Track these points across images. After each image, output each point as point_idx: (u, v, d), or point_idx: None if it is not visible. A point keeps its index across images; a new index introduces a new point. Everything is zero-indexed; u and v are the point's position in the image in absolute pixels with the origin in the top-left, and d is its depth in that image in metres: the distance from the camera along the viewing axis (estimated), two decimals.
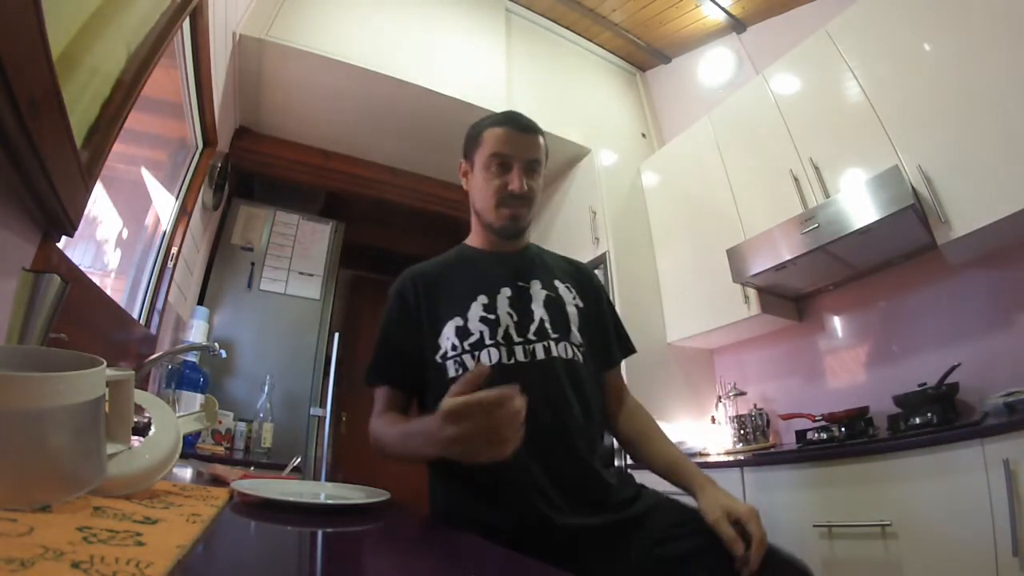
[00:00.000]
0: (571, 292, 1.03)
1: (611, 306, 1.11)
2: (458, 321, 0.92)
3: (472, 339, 0.90)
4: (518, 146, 0.98)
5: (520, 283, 0.98)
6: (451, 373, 0.89)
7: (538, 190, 1.01)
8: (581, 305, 1.02)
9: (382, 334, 0.98)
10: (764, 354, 2.35)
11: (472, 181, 1.04)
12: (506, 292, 0.96)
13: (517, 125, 1.00)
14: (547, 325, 0.93)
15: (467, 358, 0.89)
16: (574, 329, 0.97)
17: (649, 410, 1.07)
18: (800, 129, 2.04)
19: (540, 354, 0.90)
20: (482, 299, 0.94)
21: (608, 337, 1.06)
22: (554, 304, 0.98)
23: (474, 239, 1.07)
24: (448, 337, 0.91)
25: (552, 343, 0.92)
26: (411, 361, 0.95)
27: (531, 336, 0.92)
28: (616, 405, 1.06)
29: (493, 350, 0.89)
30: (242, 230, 2.62)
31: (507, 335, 0.91)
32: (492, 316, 0.92)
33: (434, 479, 0.94)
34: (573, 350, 0.94)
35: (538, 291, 0.98)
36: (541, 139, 1.02)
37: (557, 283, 1.02)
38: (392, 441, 0.85)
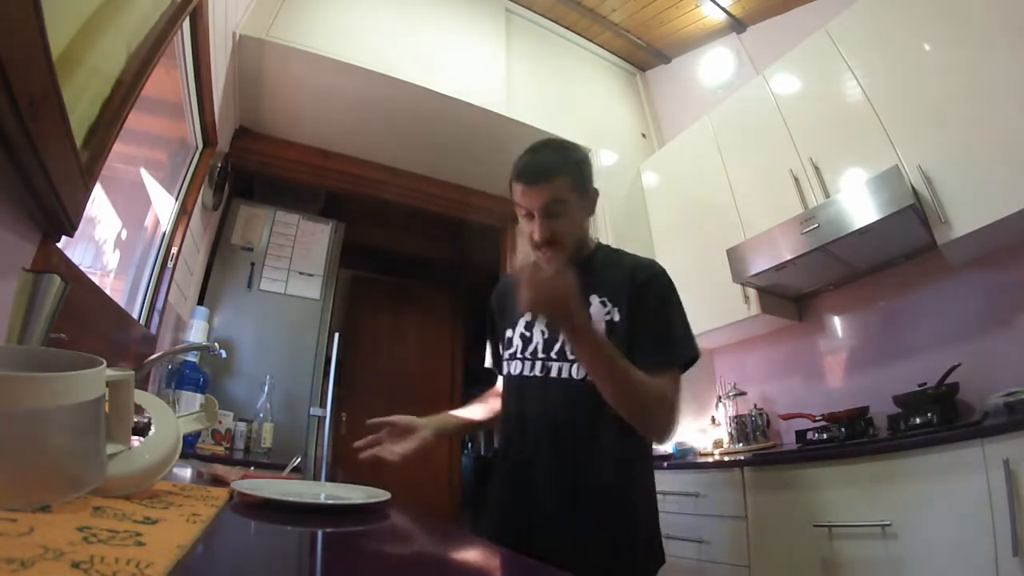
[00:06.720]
0: (606, 307, 0.99)
1: (658, 311, 0.99)
2: (509, 332, 1.10)
3: (512, 350, 1.09)
4: (532, 199, 0.98)
5: None
6: (506, 371, 1.10)
7: (569, 230, 1.00)
8: (616, 319, 0.97)
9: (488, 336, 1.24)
10: (764, 354, 2.35)
11: None
12: None
13: (526, 179, 0.98)
14: (567, 347, 0.99)
15: (506, 364, 1.10)
16: None
17: None
18: (800, 129, 2.04)
19: (553, 372, 1.00)
20: (527, 316, 1.07)
21: (636, 343, 0.96)
22: None
23: None
24: (503, 343, 1.13)
25: (566, 364, 0.99)
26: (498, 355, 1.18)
27: (553, 355, 1.01)
28: None
29: (517, 363, 1.06)
30: (242, 230, 2.61)
31: (535, 351, 1.04)
32: (528, 333, 1.06)
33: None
34: (581, 371, 0.97)
35: None
36: (559, 179, 0.97)
37: (594, 298, 0.99)
38: None
